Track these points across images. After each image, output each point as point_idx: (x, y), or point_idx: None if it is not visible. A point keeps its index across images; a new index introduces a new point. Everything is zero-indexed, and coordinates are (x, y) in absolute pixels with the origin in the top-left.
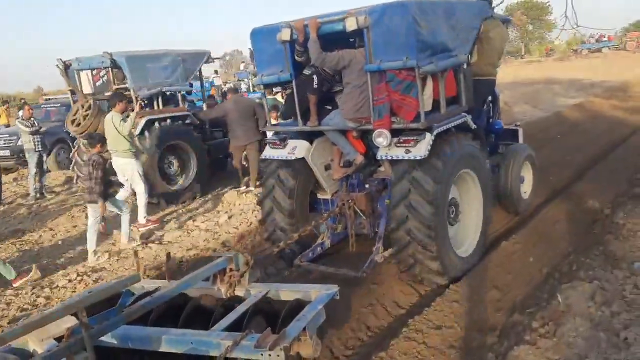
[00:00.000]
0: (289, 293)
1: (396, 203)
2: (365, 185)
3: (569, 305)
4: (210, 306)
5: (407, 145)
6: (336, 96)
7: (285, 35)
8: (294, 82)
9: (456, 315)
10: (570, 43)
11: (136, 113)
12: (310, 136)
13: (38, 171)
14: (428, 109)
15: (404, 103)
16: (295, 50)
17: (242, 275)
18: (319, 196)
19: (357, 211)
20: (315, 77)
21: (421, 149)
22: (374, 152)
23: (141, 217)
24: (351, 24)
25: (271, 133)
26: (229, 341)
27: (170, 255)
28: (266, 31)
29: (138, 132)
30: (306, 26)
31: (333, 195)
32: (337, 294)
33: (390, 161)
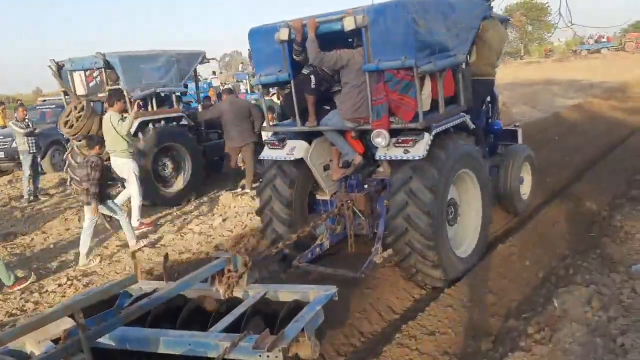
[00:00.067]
0: (288, 294)
1: (395, 193)
2: (364, 185)
3: (565, 310)
4: (208, 307)
5: (406, 145)
6: (335, 96)
7: (283, 35)
8: (292, 82)
9: (450, 320)
10: (569, 44)
11: (134, 113)
12: (309, 136)
13: (32, 173)
14: (426, 109)
15: (402, 103)
16: (293, 49)
17: (241, 276)
18: (318, 197)
19: (356, 212)
20: (312, 77)
21: (420, 149)
22: (373, 153)
23: (134, 220)
24: (349, 24)
25: (270, 134)
26: (227, 342)
27: (167, 256)
28: (264, 31)
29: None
30: (304, 26)
31: (332, 196)
32: (336, 295)
33: (389, 161)
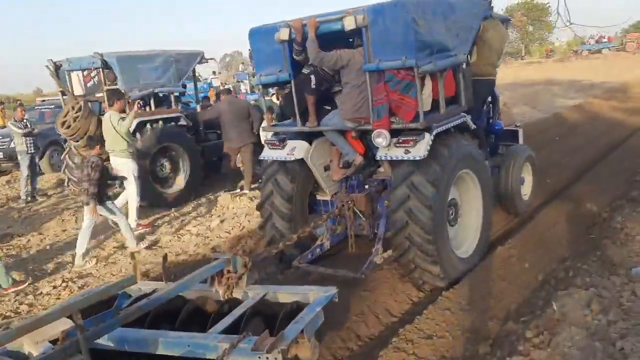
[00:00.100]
0: (287, 295)
1: (397, 186)
2: (364, 186)
3: (565, 313)
4: (207, 308)
5: (407, 145)
6: (335, 96)
7: (283, 34)
8: (293, 82)
9: (448, 324)
10: (570, 44)
11: (134, 112)
12: (309, 137)
13: (30, 174)
14: (427, 109)
15: (403, 103)
16: (293, 49)
17: (240, 277)
18: (319, 197)
19: (357, 212)
20: (313, 77)
21: (420, 149)
22: (373, 153)
23: (132, 221)
24: (350, 23)
25: (270, 134)
26: (226, 344)
27: (166, 257)
28: (264, 31)
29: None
30: (305, 25)
31: (332, 196)
32: (336, 297)
33: (389, 161)
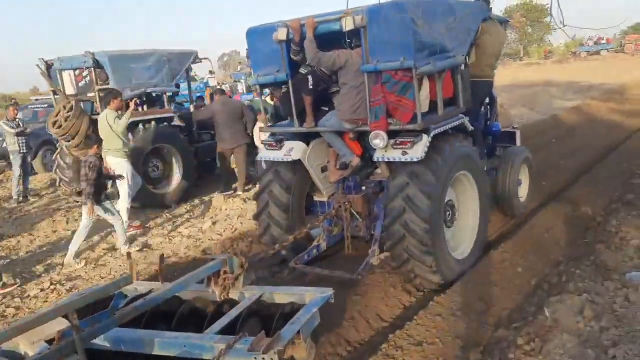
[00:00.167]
0: (284, 296)
1: (393, 197)
2: (361, 187)
3: (557, 319)
4: (203, 309)
5: (404, 146)
6: (333, 97)
7: (281, 34)
8: (290, 82)
9: (439, 330)
10: (568, 45)
11: (131, 111)
12: (306, 137)
13: (22, 173)
14: (425, 110)
15: (400, 104)
16: (291, 49)
17: (237, 277)
18: (316, 198)
19: (354, 213)
20: (310, 77)
21: (418, 151)
22: (371, 154)
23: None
24: (348, 24)
25: (266, 135)
26: (222, 344)
27: (163, 257)
28: (262, 31)
29: None
30: (303, 25)
31: (329, 197)
32: (332, 297)
33: (387, 163)
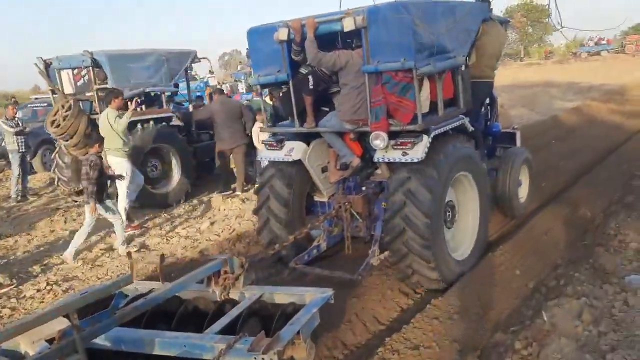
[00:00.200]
0: (284, 296)
1: (394, 192)
2: (362, 187)
3: (555, 324)
4: (204, 309)
5: (404, 147)
6: (333, 97)
7: (282, 34)
8: (291, 83)
9: (436, 333)
10: (569, 46)
11: (132, 110)
12: (307, 138)
13: (21, 173)
14: (425, 111)
15: (401, 105)
16: (292, 49)
17: (237, 277)
18: (316, 199)
19: (354, 214)
20: (310, 78)
21: (418, 151)
22: (371, 155)
23: None
24: (349, 24)
25: (267, 135)
26: (223, 344)
27: (163, 256)
28: (263, 31)
29: None
30: (303, 26)
31: (330, 197)
32: (332, 298)
33: (387, 164)
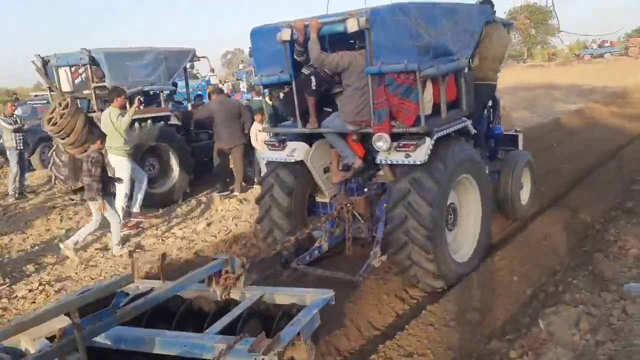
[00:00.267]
0: (285, 297)
1: (395, 204)
2: (364, 189)
3: (551, 332)
4: (204, 308)
5: (407, 149)
6: (335, 98)
7: (285, 35)
8: (294, 83)
9: (430, 340)
10: (572, 48)
11: (134, 109)
12: (309, 138)
13: (19, 170)
14: (428, 113)
15: (403, 107)
16: (294, 49)
17: (238, 278)
18: (318, 199)
19: (356, 215)
20: (313, 78)
21: (421, 154)
22: (373, 156)
23: None
24: (352, 25)
25: (268, 134)
26: (223, 345)
27: (165, 255)
28: (266, 31)
29: None
30: (307, 26)
31: (332, 198)
32: (333, 299)
33: (389, 165)
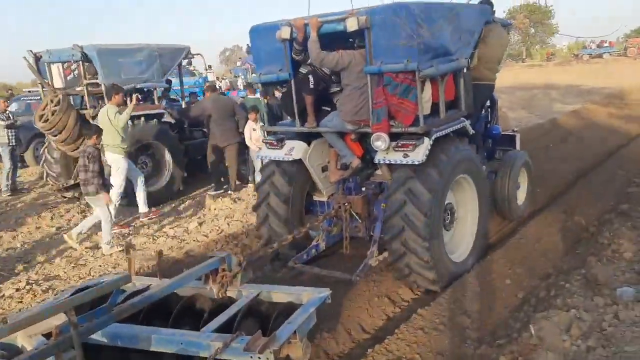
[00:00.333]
0: (281, 295)
1: (394, 191)
2: (361, 188)
3: (542, 337)
4: (201, 306)
5: (406, 149)
6: (333, 97)
7: (285, 33)
8: (293, 82)
9: (420, 345)
10: (571, 48)
11: (133, 106)
12: (307, 137)
13: (12, 166)
14: (427, 113)
15: (402, 107)
16: (293, 48)
17: (235, 276)
18: (315, 198)
19: (353, 214)
20: (311, 77)
21: (419, 154)
22: (372, 155)
23: None
24: (352, 24)
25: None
26: (219, 343)
27: (162, 252)
28: (265, 29)
29: None
30: (306, 25)
31: (329, 197)
32: (329, 298)
33: (388, 165)
